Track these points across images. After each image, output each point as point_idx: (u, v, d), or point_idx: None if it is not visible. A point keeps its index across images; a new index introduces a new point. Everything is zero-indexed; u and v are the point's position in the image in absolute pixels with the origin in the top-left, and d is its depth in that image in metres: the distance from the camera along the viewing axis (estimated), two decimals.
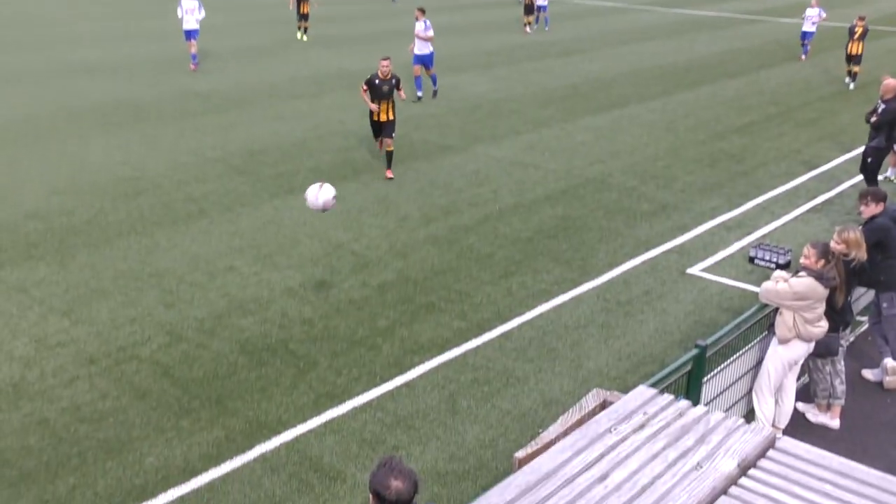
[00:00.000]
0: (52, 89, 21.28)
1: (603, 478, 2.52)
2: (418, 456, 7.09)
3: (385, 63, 13.94)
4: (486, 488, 6.49)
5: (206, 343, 8.83)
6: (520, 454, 2.79)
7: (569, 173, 14.87)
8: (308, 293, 9.99)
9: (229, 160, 15.34)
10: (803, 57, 27.32)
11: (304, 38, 29.52)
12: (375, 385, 8.12)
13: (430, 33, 20.44)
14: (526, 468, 2.54)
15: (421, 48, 20.35)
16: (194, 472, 6.84)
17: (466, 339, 9.00)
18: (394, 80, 14.12)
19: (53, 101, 20.01)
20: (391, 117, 14.19)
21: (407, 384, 8.16)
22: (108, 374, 8.22)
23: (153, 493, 6.60)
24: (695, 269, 10.89)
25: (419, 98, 20.38)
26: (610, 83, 23.26)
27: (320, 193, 8.93)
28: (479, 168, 15.11)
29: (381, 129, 14.34)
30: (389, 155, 14.39)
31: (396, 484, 3.74)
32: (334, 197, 9.01)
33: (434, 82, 20.84)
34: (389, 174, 14.37)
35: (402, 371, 8.38)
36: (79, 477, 6.77)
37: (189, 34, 23.50)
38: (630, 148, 16.58)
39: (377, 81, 13.96)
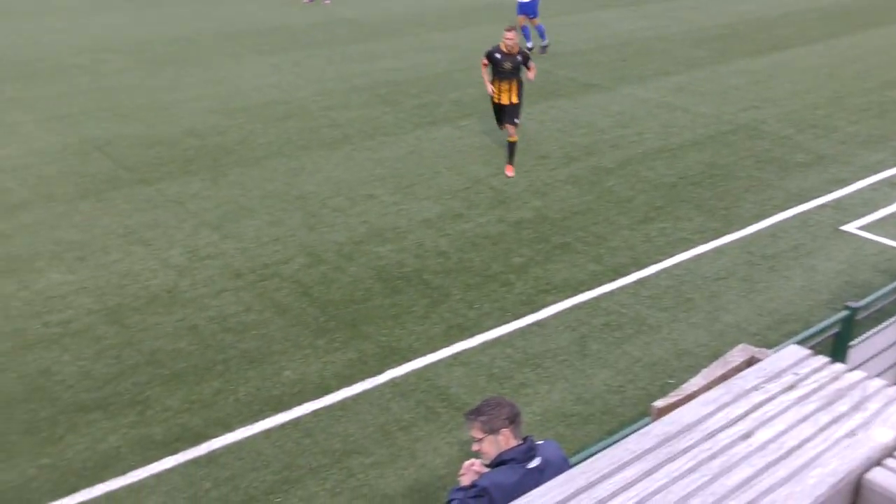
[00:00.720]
0: (212, 11, 22.09)
1: (747, 436, 2.42)
2: (545, 395, 7.11)
3: (510, 35, 11.31)
4: (611, 433, 6.49)
5: (345, 267, 9.09)
6: (659, 403, 2.72)
7: (718, 118, 14.20)
8: (445, 225, 10.08)
9: (375, 89, 15.53)
10: None
11: None
12: (506, 321, 8.16)
13: None
14: (665, 418, 2.47)
15: None
16: (328, 390, 7.12)
17: (600, 283, 8.87)
18: (519, 57, 11.42)
19: (213, 22, 20.79)
20: (515, 100, 11.59)
21: (538, 323, 8.16)
22: (252, 289, 8.62)
23: (289, 406, 6.92)
24: (851, 227, 10.25)
25: (528, 49, 18.28)
26: (771, 23, 21.90)
27: None
28: (624, 109, 14.66)
29: (503, 114, 11.76)
30: (511, 147, 11.73)
31: (508, 407, 3.85)
32: None
33: (542, 35, 18.33)
34: (509, 171, 11.67)
35: (533, 309, 8.37)
36: (223, 382, 7.18)
37: None
38: (788, 94, 15.63)
39: (498, 56, 11.39)
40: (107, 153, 12.14)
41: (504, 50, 11.34)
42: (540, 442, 3.92)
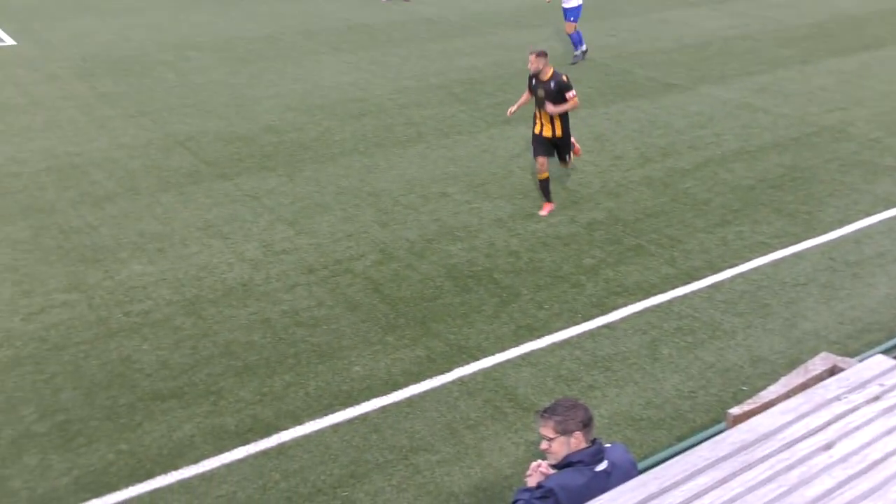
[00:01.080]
0: (293, 9, 22.49)
1: (828, 447, 2.33)
2: (613, 398, 7.00)
3: (532, 57, 9.78)
4: (681, 439, 6.36)
5: (415, 264, 9.12)
6: (735, 411, 2.64)
7: (802, 120, 13.77)
8: (516, 225, 10.03)
9: (450, 87, 15.56)
10: None
11: None
12: (576, 323, 8.07)
13: None
14: (742, 426, 2.40)
15: (567, 1, 16.94)
16: (396, 386, 7.15)
17: (673, 286, 8.70)
18: (552, 84, 9.69)
19: (294, 20, 21.15)
20: (559, 134, 9.98)
21: (608, 325, 8.04)
22: (324, 284, 8.72)
23: (357, 401, 6.98)
24: None
25: (583, 54, 17.19)
26: (863, 22, 21.14)
27: None
28: (703, 109, 14.36)
29: (545, 148, 10.10)
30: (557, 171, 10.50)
31: (583, 410, 3.84)
32: None
33: (577, 44, 17.34)
34: (545, 209, 10.33)
35: (603, 312, 8.26)
36: (293, 376, 7.28)
37: None
38: (878, 95, 15.05)
39: (533, 81, 9.93)
40: (189, 148, 12.47)
41: (532, 73, 9.92)
42: (607, 445, 3.87)
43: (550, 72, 9.77)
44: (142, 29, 20.28)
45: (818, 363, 2.87)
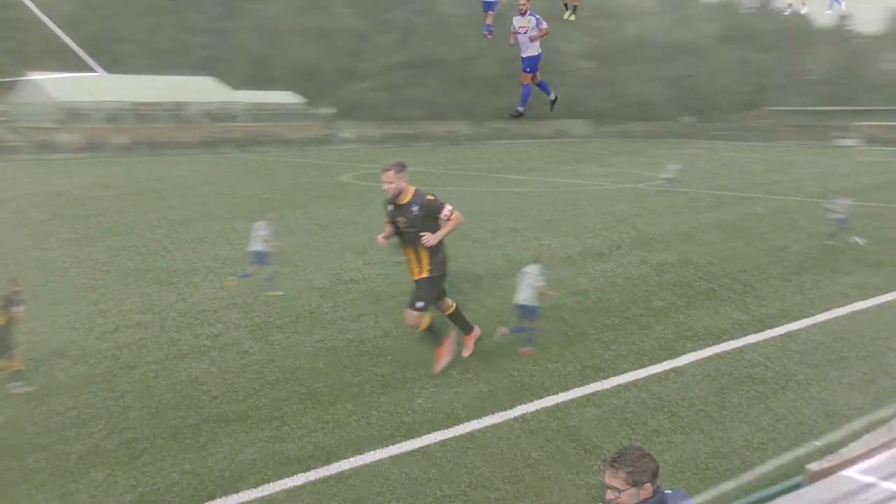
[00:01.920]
0: None
1: None
2: (679, 445, 6.81)
3: (388, 175, 7.28)
4: (748, 492, 6.13)
5: (481, 299, 9.10)
6: (813, 466, 2.54)
7: (889, 168, 13.38)
8: (585, 263, 9.95)
9: None
10: None
11: (572, 17, 28.73)
12: (643, 365, 7.91)
13: (544, 27, 16.54)
14: (822, 483, 2.30)
15: (527, 49, 16.55)
16: (457, 420, 7.09)
17: (745, 333, 8.48)
18: (414, 209, 7.31)
19: None
20: (424, 273, 7.49)
21: (675, 370, 7.86)
22: (390, 315, 8.76)
23: (418, 433, 6.93)
24: None
25: (520, 113, 16.17)
26: None
27: None
28: (781, 153, 14.08)
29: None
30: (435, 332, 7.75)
31: (652, 460, 3.75)
32: None
33: (547, 90, 17.09)
34: (439, 362, 7.79)
35: (672, 355, 8.08)
36: (356, 405, 7.29)
37: (488, 5, 23.68)
38: None
39: (390, 207, 7.45)
40: (263, 177, 12.75)
41: (396, 199, 7.39)
42: (668, 491, 3.78)
43: (411, 193, 7.38)
44: None
45: None
